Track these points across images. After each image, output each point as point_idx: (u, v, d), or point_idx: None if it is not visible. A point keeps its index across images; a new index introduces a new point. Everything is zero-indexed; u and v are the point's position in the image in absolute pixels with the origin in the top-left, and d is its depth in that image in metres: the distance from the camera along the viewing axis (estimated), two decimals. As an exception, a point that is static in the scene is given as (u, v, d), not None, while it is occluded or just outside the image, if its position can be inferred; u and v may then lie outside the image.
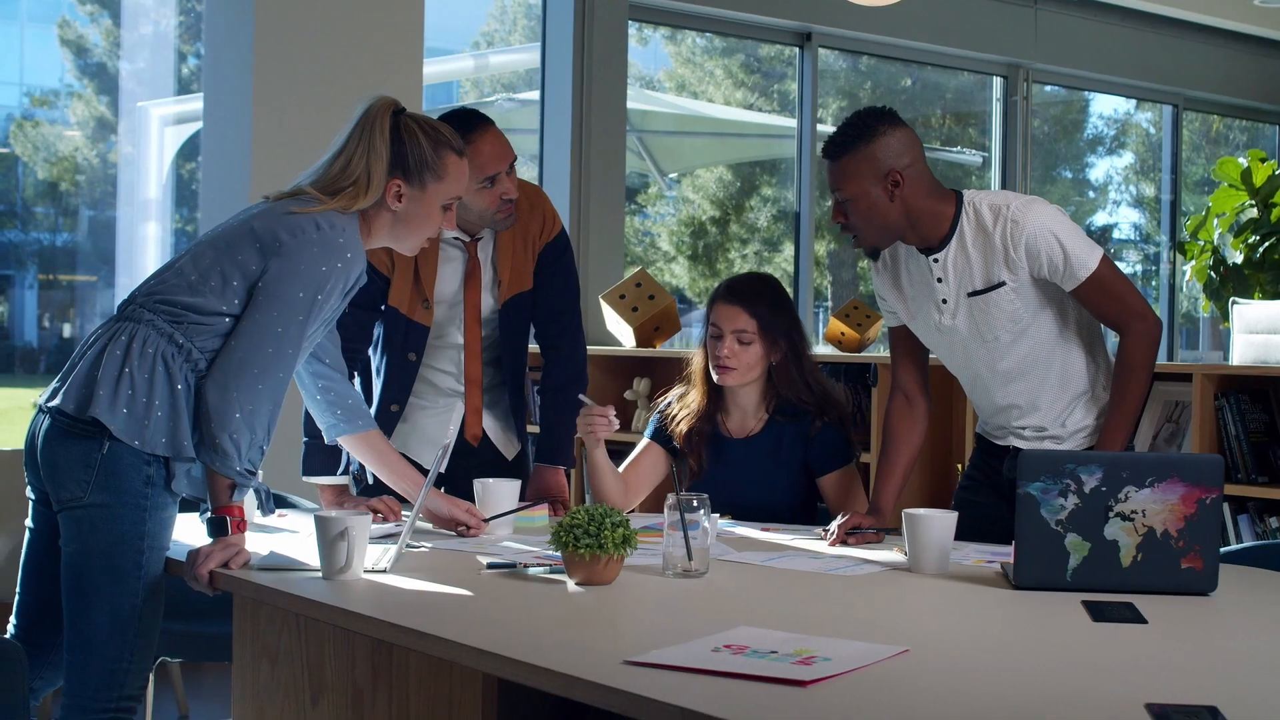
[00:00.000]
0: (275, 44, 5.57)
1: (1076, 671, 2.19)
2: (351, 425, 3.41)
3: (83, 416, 2.93)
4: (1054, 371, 3.47)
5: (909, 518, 3.02)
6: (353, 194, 3.09)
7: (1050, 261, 3.34)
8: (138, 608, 2.96)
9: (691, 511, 2.90)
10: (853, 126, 3.40)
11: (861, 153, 3.36)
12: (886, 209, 3.38)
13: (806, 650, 2.23)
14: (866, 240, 3.46)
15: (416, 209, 3.17)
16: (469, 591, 2.75)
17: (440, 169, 3.17)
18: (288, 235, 3.00)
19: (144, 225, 7.59)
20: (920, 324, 3.59)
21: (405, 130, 3.15)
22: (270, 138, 5.54)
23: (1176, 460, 2.82)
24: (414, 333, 3.80)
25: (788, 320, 3.81)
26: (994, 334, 3.45)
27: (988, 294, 3.40)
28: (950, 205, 3.43)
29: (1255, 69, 10.01)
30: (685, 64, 9.86)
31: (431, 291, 3.79)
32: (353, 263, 3.05)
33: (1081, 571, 2.78)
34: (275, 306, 2.96)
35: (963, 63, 8.85)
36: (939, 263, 3.44)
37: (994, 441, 3.65)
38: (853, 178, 3.37)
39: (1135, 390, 3.38)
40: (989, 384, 3.54)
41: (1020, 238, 3.34)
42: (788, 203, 9.47)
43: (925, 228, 3.43)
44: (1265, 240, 8.61)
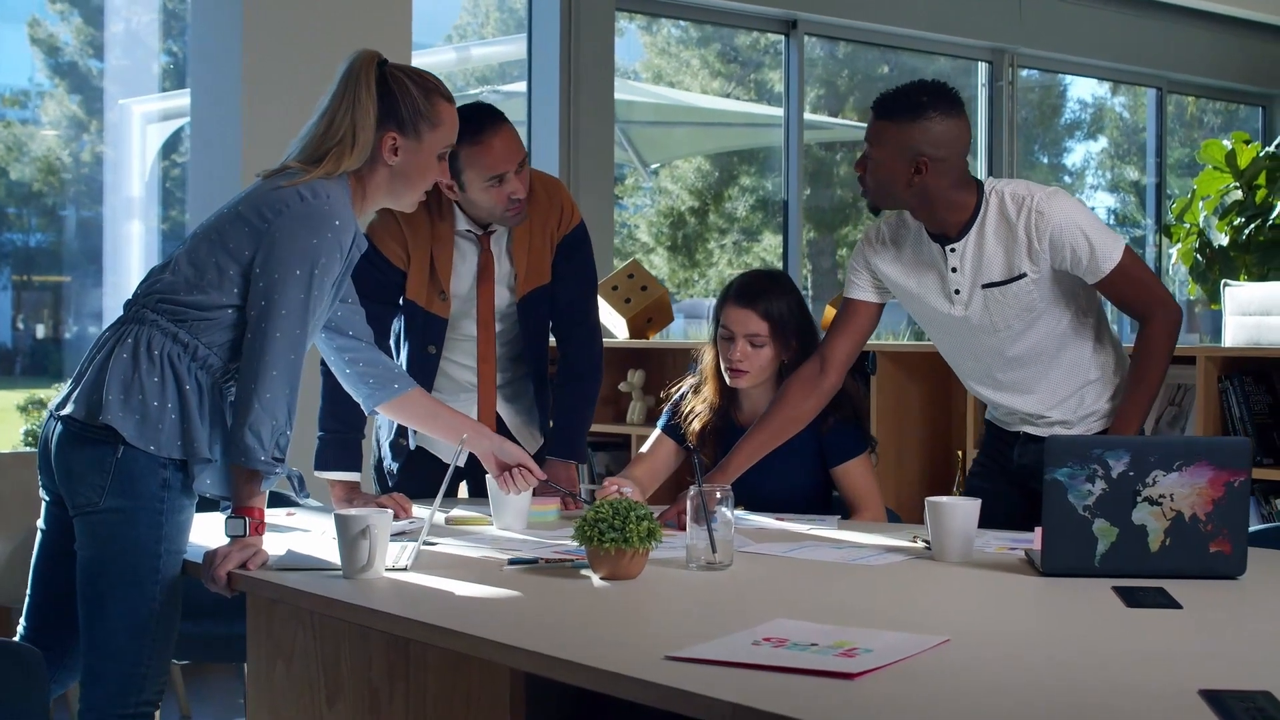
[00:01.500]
0: (263, 37, 5.53)
1: (1122, 659, 2.18)
2: (387, 391, 3.34)
3: (94, 423, 2.89)
4: (1063, 359, 3.46)
5: (932, 506, 3.00)
6: (338, 154, 3.01)
7: (1074, 255, 3.32)
8: (155, 611, 2.93)
9: (714, 504, 2.88)
10: (908, 97, 3.36)
11: (902, 126, 3.34)
12: (902, 188, 3.36)
13: (847, 642, 2.20)
14: (874, 199, 3.44)
15: (414, 160, 3.08)
16: (494, 588, 2.72)
17: (434, 116, 3.08)
18: (272, 214, 2.94)
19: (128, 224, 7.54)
20: (923, 311, 3.55)
21: (393, 81, 3.06)
22: (259, 131, 5.50)
23: (1204, 444, 2.81)
24: (432, 325, 3.77)
25: (799, 318, 3.76)
26: (1006, 323, 3.42)
27: (1006, 285, 3.38)
28: (972, 194, 3.40)
29: (1238, 51, 10.03)
30: (661, 54, 9.83)
31: (448, 284, 3.76)
32: (342, 229, 2.97)
33: (1110, 557, 2.76)
34: (274, 290, 2.91)
35: (948, 48, 8.85)
36: (955, 252, 3.41)
37: (1004, 428, 3.63)
38: (883, 143, 3.36)
39: (1154, 376, 3.37)
40: (993, 371, 3.52)
41: (1045, 230, 3.31)
42: (766, 192, 9.46)
43: (942, 214, 3.40)
44: (1250, 222, 8.62)
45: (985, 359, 3.52)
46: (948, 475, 5.34)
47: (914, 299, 3.55)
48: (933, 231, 3.45)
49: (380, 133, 3.04)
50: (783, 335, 3.73)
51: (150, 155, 7.69)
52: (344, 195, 3.02)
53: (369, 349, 3.33)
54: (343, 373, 3.34)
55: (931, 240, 3.46)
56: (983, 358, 3.52)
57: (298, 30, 5.59)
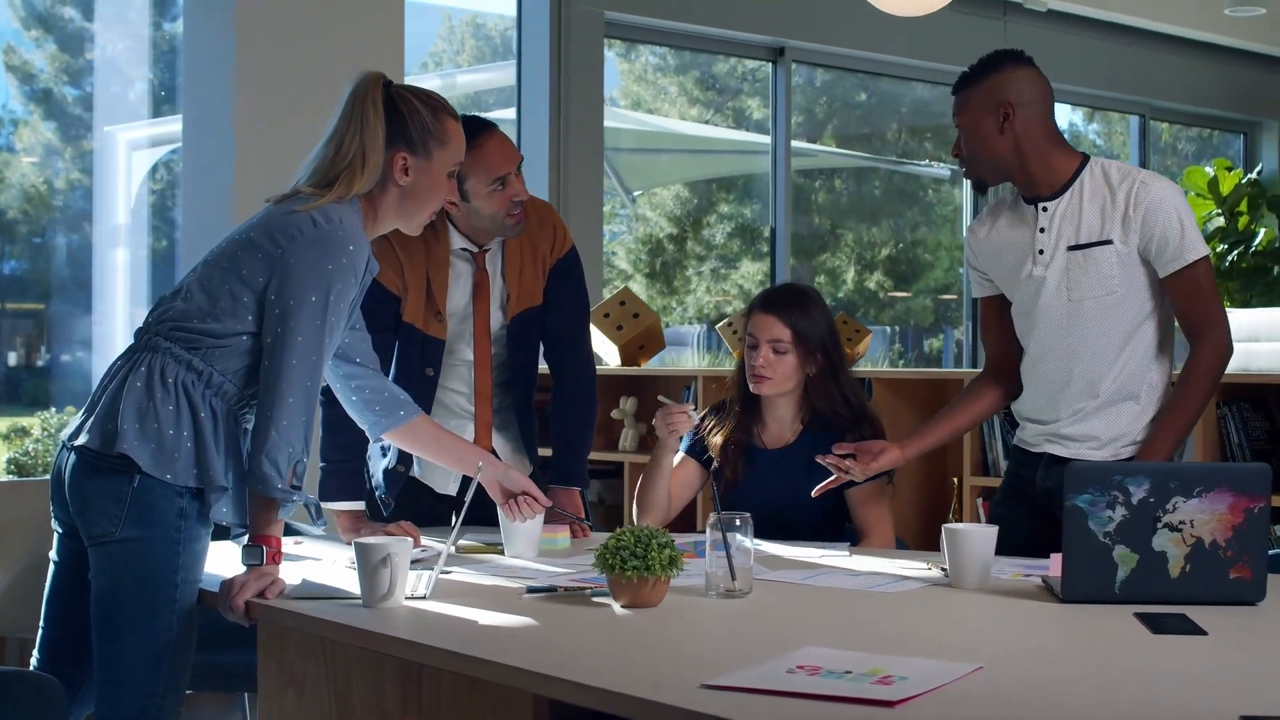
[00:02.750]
0: (256, 62, 5.53)
1: (1157, 685, 2.18)
2: (393, 418, 3.32)
3: (110, 452, 2.87)
4: (1120, 360, 3.45)
5: (949, 533, 3.00)
6: (349, 177, 3.00)
7: (1164, 234, 3.37)
8: (172, 641, 2.91)
9: (733, 531, 2.88)
10: (981, 62, 3.52)
11: (981, 85, 3.48)
12: (995, 141, 3.46)
13: (881, 670, 2.20)
14: (973, 171, 3.54)
15: (424, 180, 3.08)
16: (515, 616, 2.71)
17: (443, 135, 3.09)
18: (285, 239, 2.93)
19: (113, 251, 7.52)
20: (1009, 276, 3.59)
21: (401, 101, 3.07)
22: (252, 156, 5.49)
23: (1223, 470, 2.81)
24: (430, 347, 3.76)
25: (825, 332, 3.78)
26: (1080, 295, 3.44)
27: (1090, 249, 3.42)
28: (1072, 161, 3.49)
29: (1221, 78, 10.10)
30: (638, 81, 9.85)
31: (444, 304, 3.75)
32: (356, 253, 2.96)
33: (1130, 583, 2.76)
34: (290, 316, 2.90)
35: (934, 75, 8.89)
36: (1047, 211, 3.48)
37: (1028, 449, 3.63)
38: (969, 107, 3.49)
39: (1196, 399, 3.40)
40: (1054, 353, 3.51)
41: (1145, 199, 3.38)
42: (745, 219, 9.47)
43: (1036, 171, 3.48)
44: (1233, 249, 8.68)
45: (1050, 334, 3.51)
46: (944, 502, 5.35)
47: (1003, 268, 3.60)
48: (1028, 195, 3.52)
49: (390, 153, 3.04)
50: (806, 346, 3.75)
51: (136, 182, 7.67)
52: (357, 219, 3.01)
53: (375, 376, 3.32)
54: (349, 400, 3.33)
55: (1026, 204, 3.53)
56: (1053, 333, 3.51)
57: (290, 55, 5.59)
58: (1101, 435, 3.49)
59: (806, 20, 8.14)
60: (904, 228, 10.51)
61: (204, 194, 5.69)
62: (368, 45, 5.74)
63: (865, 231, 10.27)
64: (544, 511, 3.48)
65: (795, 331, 3.75)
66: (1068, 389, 3.51)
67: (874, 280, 10.12)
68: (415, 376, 3.74)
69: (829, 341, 3.79)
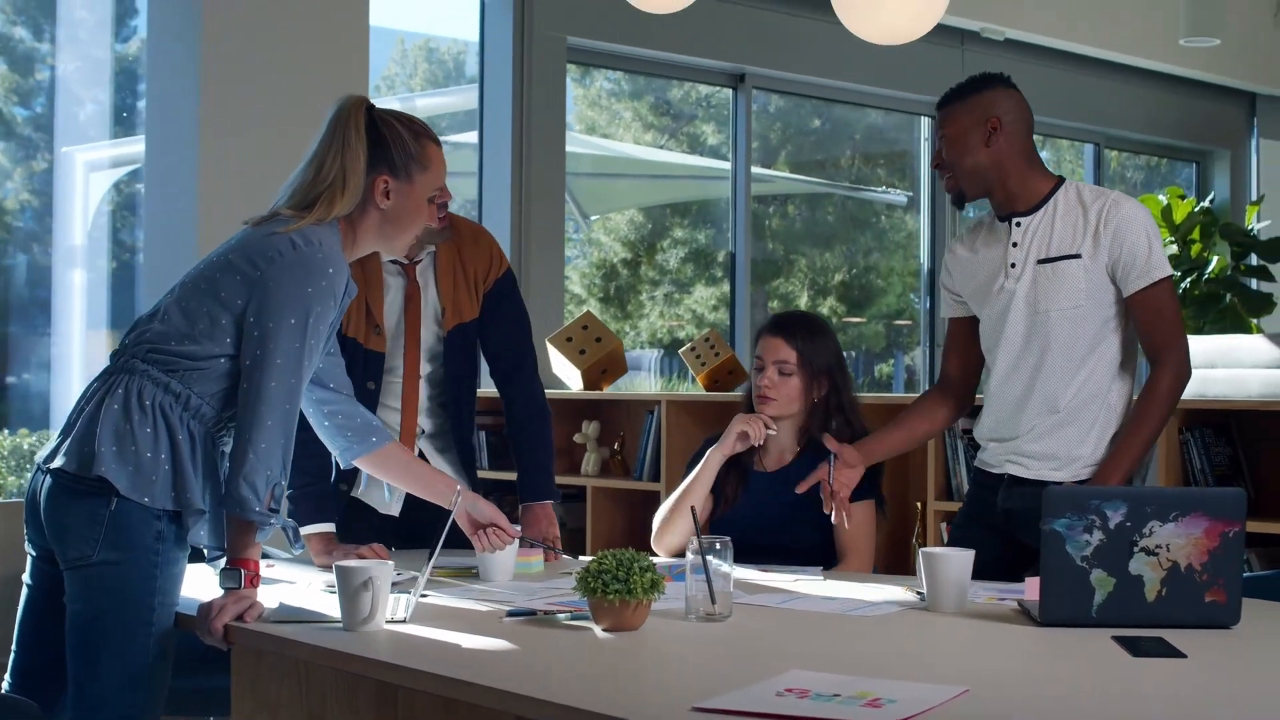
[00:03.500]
0: (220, 83, 5.52)
1: (1143, 708, 2.21)
2: (364, 444, 3.32)
3: (87, 475, 2.86)
4: (1080, 377, 3.51)
5: (926, 557, 3.02)
6: (329, 199, 3.00)
7: (1131, 251, 3.46)
8: (148, 665, 2.89)
9: (713, 555, 2.89)
10: (971, 80, 3.65)
11: (970, 100, 3.60)
12: (979, 153, 3.55)
13: (869, 693, 2.21)
14: (955, 182, 3.61)
15: (405, 204, 3.08)
16: (497, 640, 2.71)
17: (424, 159, 3.09)
18: (264, 262, 2.93)
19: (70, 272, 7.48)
20: (980, 293, 3.66)
21: (383, 125, 3.07)
22: (216, 177, 5.48)
23: (1199, 495, 2.84)
24: (371, 361, 3.77)
25: (831, 357, 3.86)
26: (1047, 307, 3.52)
27: (1058, 262, 3.51)
28: (1048, 182, 3.60)
29: (1175, 108, 10.20)
30: (592, 106, 9.87)
31: (381, 317, 3.76)
32: (336, 276, 2.96)
33: (1107, 607, 2.79)
34: (269, 339, 2.89)
35: (893, 103, 8.95)
36: (1020, 227, 3.57)
37: (989, 470, 3.67)
38: (956, 119, 3.60)
39: (1153, 421, 3.46)
40: (1019, 368, 3.57)
41: (1115, 217, 3.47)
42: (699, 244, 9.49)
43: (1015, 186, 3.58)
44: (1186, 276, 8.76)
45: (1015, 346, 3.58)
46: (907, 527, 5.37)
47: (975, 285, 3.68)
48: (1004, 212, 3.61)
49: (372, 176, 3.04)
50: (811, 369, 3.82)
51: (93, 203, 7.64)
52: (336, 241, 3.01)
53: (348, 401, 3.32)
54: (320, 425, 3.32)
55: (1000, 221, 3.63)
56: (1019, 347, 3.57)
57: (255, 77, 5.58)
58: (1061, 455, 3.53)
59: (767, 47, 8.18)
60: (857, 253, 10.55)
61: (167, 214, 5.67)
62: (332, 67, 5.74)
63: (818, 257, 10.30)
64: (516, 546, 3.49)
65: (801, 355, 3.82)
66: (1028, 404, 3.57)
67: (827, 305, 10.14)
68: (358, 391, 3.73)
69: (835, 367, 3.87)
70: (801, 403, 3.85)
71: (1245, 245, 8.87)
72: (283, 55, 5.63)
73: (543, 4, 7.25)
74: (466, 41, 8.64)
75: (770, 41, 8.18)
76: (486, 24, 7.38)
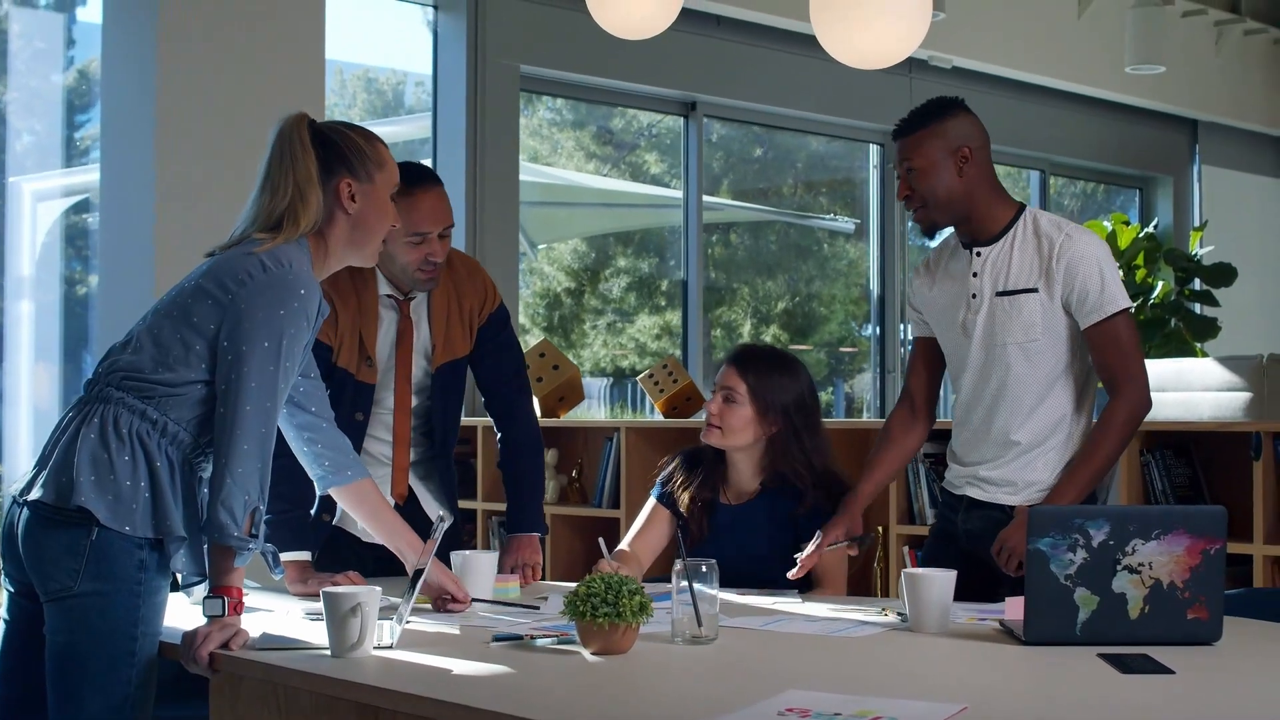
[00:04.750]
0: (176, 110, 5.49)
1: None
2: (340, 476, 3.29)
3: (66, 505, 2.83)
4: (1039, 407, 3.53)
5: (909, 578, 3.03)
6: (292, 217, 2.98)
7: (1084, 286, 3.43)
8: (130, 695, 2.86)
9: (699, 577, 2.89)
10: (926, 108, 3.58)
11: (936, 127, 3.52)
12: (953, 183, 3.51)
13: (870, 711, 2.22)
14: (927, 214, 3.56)
15: (370, 204, 3.07)
16: (488, 664, 2.70)
17: (378, 157, 3.08)
18: (236, 284, 2.91)
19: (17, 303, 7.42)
20: (945, 322, 3.66)
21: (331, 133, 3.07)
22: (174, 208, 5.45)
23: (1181, 513, 2.87)
24: (361, 393, 3.76)
25: (788, 396, 3.77)
26: (1004, 340, 3.52)
27: (1016, 295, 3.49)
28: (1009, 210, 3.56)
29: (1120, 134, 10.31)
30: (533, 135, 9.89)
31: (374, 350, 3.76)
32: (308, 297, 2.94)
33: (1091, 625, 2.81)
34: (243, 363, 2.87)
35: (843, 130, 9.01)
36: (981, 257, 3.55)
37: (952, 492, 3.70)
38: (924, 150, 3.52)
39: (1105, 451, 3.46)
40: (980, 396, 3.59)
41: (1067, 252, 3.44)
42: (642, 273, 9.51)
43: (978, 218, 3.55)
44: (1132, 301, 8.85)
45: (975, 379, 3.60)
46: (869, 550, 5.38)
47: (937, 311, 3.68)
48: (966, 241, 3.59)
49: (335, 181, 3.03)
50: (763, 403, 3.74)
51: (41, 233, 7.58)
52: (306, 261, 2.99)
53: (330, 430, 3.28)
54: (300, 450, 3.29)
55: (964, 249, 3.60)
56: (978, 377, 3.59)
57: (210, 105, 5.56)
58: (1017, 481, 3.56)
59: (718, 76, 8.23)
60: (799, 281, 10.59)
61: (122, 244, 5.63)
62: (287, 97, 5.71)
63: (761, 285, 10.33)
64: (496, 561, 3.50)
65: (750, 387, 3.75)
66: (988, 434, 3.59)
67: (770, 334, 10.17)
68: (345, 421, 3.71)
69: (792, 406, 3.77)
70: (752, 434, 3.77)
71: (1189, 270, 8.98)
72: (239, 85, 5.62)
73: (495, 32, 7.27)
74: (405, 72, 8.64)
75: (721, 70, 8.23)
76: (440, 52, 7.39)
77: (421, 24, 7.66)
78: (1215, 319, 8.89)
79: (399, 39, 8.34)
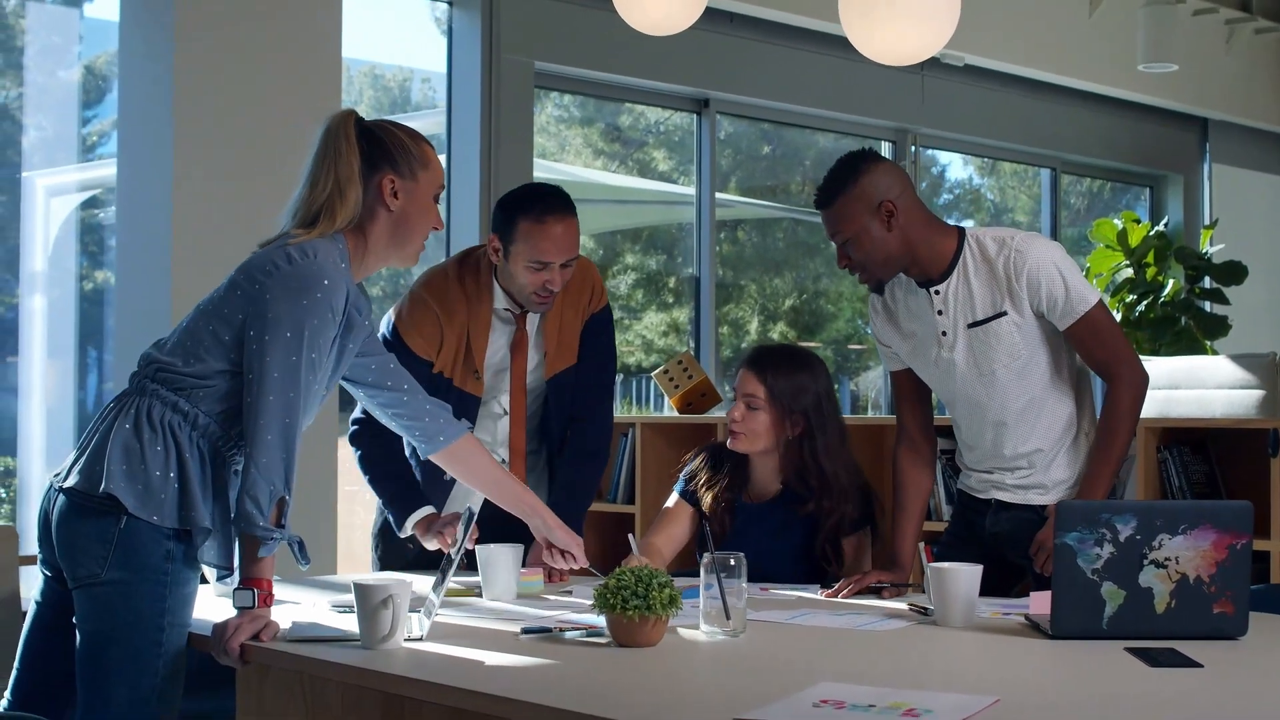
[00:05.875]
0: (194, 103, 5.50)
1: (1171, 716, 2.24)
2: (433, 444, 3.35)
3: (96, 493, 2.85)
4: (1045, 415, 3.54)
5: (936, 571, 3.05)
6: (329, 212, 3.00)
7: (1050, 295, 3.42)
8: (157, 686, 2.88)
9: (727, 571, 2.90)
10: (838, 171, 3.50)
11: (852, 192, 3.45)
12: (886, 240, 3.46)
13: (904, 704, 2.23)
14: (872, 276, 3.54)
15: (412, 202, 3.08)
16: (517, 656, 2.72)
17: (423, 157, 3.09)
18: (262, 275, 2.93)
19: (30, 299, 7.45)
20: (920, 359, 3.64)
21: (378, 130, 3.08)
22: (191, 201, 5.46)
23: (1208, 508, 2.88)
24: (466, 402, 3.76)
25: (808, 397, 3.76)
26: (990, 368, 3.51)
27: (988, 324, 3.47)
28: (951, 239, 3.51)
29: (1129, 132, 10.31)
30: (540, 132, 9.89)
31: (482, 363, 3.78)
32: (332, 288, 2.93)
33: (1117, 619, 2.82)
34: (265, 353, 2.88)
35: (854, 128, 9.01)
36: (939, 295, 3.51)
37: (975, 496, 3.70)
38: (848, 218, 3.46)
39: (1120, 439, 3.47)
40: (981, 423, 3.60)
41: (1023, 267, 3.42)
42: (650, 270, 9.51)
43: (925, 258, 3.50)
44: (1142, 299, 8.86)
45: (976, 414, 3.59)
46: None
47: (912, 352, 3.65)
48: (919, 280, 3.54)
49: (378, 178, 3.04)
50: (782, 406, 3.74)
51: (54, 229, 7.60)
52: (334, 254, 2.99)
53: (412, 399, 3.32)
54: (394, 427, 3.39)
55: (919, 288, 3.56)
56: (974, 407, 3.59)
57: (228, 102, 5.57)
58: (1045, 483, 3.57)
59: (731, 72, 8.23)
60: (807, 278, 10.59)
61: (139, 239, 5.64)
62: (304, 93, 5.73)
63: (769, 282, 10.34)
64: (523, 552, 3.51)
65: (769, 390, 3.74)
66: (1000, 452, 3.61)
67: (777, 331, 10.18)
68: None
69: (810, 407, 3.76)
70: (772, 438, 3.77)
71: (1200, 268, 8.99)
72: (256, 81, 5.62)
73: (510, 29, 7.27)
74: (413, 69, 8.65)
75: (734, 67, 8.23)
76: (454, 49, 7.39)
77: (429, 20, 7.67)
78: (1225, 317, 8.89)
79: (406, 35, 8.36)
